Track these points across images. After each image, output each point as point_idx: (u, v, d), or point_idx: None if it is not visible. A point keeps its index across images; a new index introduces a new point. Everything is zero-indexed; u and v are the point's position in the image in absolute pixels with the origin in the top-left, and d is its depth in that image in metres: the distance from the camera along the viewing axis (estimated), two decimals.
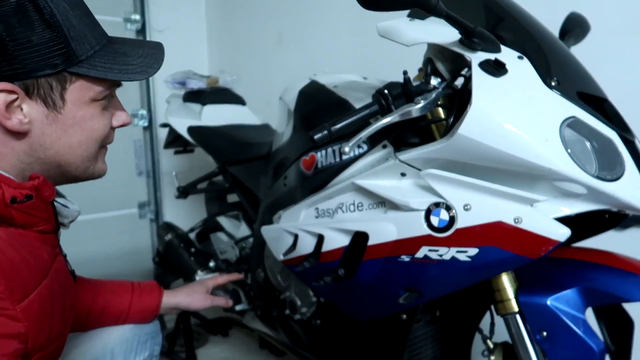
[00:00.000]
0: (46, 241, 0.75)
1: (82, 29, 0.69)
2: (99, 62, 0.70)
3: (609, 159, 0.74)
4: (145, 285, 1.11)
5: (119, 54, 0.73)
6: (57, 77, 0.68)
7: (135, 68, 0.73)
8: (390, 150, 0.92)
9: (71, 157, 0.74)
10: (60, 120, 0.70)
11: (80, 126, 0.73)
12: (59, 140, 0.72)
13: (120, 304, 1.05)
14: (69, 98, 0.70)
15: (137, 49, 0.76)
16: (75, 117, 0.71)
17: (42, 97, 0.68)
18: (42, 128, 0.70)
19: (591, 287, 0.82)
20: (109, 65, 0.71)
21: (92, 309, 1.02)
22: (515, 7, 0.89)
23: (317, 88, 1.16)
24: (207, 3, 2.78)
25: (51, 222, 0.75)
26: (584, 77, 0.83)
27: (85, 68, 0.69)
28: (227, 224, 1.76)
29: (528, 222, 0.74)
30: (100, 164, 0.80)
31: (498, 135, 0.72)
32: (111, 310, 1.04)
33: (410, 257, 0.85)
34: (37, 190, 0.70)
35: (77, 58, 0.68)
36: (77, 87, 0.70)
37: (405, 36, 0.83)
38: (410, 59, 0.98)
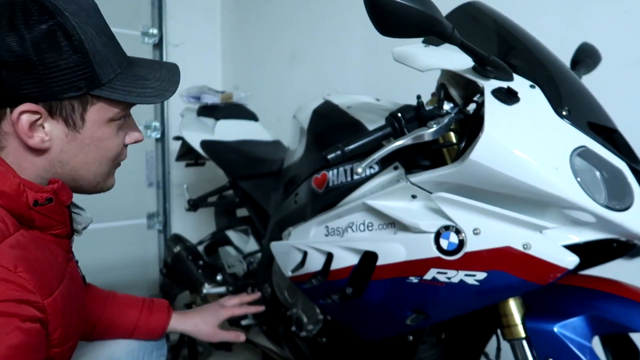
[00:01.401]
0: (61, 245, 0.78)
1: (106, 54, 0.73)
2: (119, 85, 0.74)
3: (618, 189, 0.75)
4: (156, 304, 1.12)
5: (138, 77, 0.77)
6: (80, 99, 0.72)
7: (153, 92, 0.77)
8: (402, 172, 0.93)
9: (86, 173, 0.78)
10: (78, 139, 0.74)
11: (96, 145, 0.76)
12: (75, 157, 0.75)
13: (127, 321, 1.07)
14: (89, 119, 0.73)
15: (155, 72, 0.80)
16: (93, 136, 0.75)
17: (63, 117, 0.72)
18: (61, 145, 0.73)
19: (598, 316, 0.82)
20: (128, 88, 0.74)
21: (100, 322, 1.04)
22: (528, 36, 0.91)
23: (330, 108, 1.18)
24: (222, 20, 2.83)
25: (66, 226, 0.78)
26: (595, 107, 0.84)
27: (107, 91, 0.73)
28: (235, 238, 1.77)
29: (537, 248, 0.75)
30: (110, 180, 0.83)
31: (509, 162, 0.73)
32: (118, 325, 1.06)
33: (419, 279, 0.85)
34: (56, 193, 0.73)
35: (100, 82, 0.72)
36: (97, 108, 0.74)
37: (420, 62, 0.85)
38: (421, 80, 1.00)
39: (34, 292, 0.65)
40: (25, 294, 0.64)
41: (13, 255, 0.65)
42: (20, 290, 0.64)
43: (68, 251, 0.82)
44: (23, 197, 0.70)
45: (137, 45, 2.47)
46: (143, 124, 2.55)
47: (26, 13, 0.66)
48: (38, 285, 0.66)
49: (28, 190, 0.70)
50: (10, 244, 0.66)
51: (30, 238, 0.70)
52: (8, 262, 0.64)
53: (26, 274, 0.65)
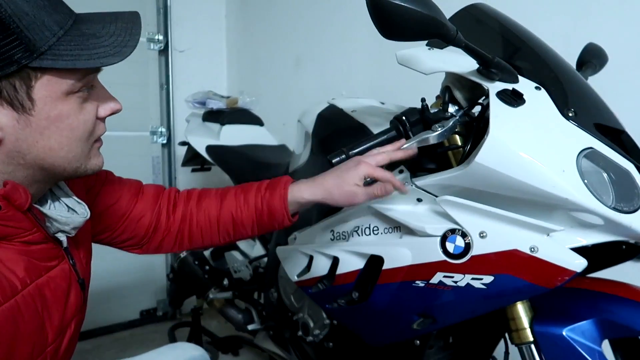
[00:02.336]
0: (32, 254, 0.69)
1: (37, 14, 0.60)
2: (64, 50, 0.61)
3: (626, 191, 0.74)
4: (276, 181, 0.97)
5: (87, 35, 0.64)
6: (20, 75, 0.60)
7: (108, 50, 0.63)
8: (407, 175, 0.93)
9: (54, 160, 0.67)
10: (33, 123, 0.63)
11: (56, 126, 0.65)
12: (36, 144, 0.65)
13: (246, 209, 0.96)
14: (38, 97, 0.62)
15: (108, 25, 0.66)
16: (49, 116, 0.64)
17: (7, 100, 0.61)
18: (15, 134, 0.63)
19: (608, 319, 0.81)
20: (76, 52, 0.62)
21: (220, 219, 0.97)
22: (533, 37, 0.91)
23: (335, 112, 1.18)
24: (227, 25, 2.85)
25: (38, 231, 0.69)
26: (601, 108, 0.83)
27: (49, 60, 0.60)
28: (241, 242, 1.78)
29: (544, 251, 0.75)
30: (93, 160, 0.72)
31: (515, 164, 0.73)
32: (239, 216, 0.96)
33: (425, 283, 0.85)
34: (7, 198, 0.63)
35: (38, 50, 0.60)
36: (44, 82, 0.62)
37: (424, 65, 0.85)
38: (425, 83, 1.00)
39: None
40: None
41: None
42: None
43: (50, 258, 0.73)
44: None
45: (143, 52, 2.49)
46: (149, 129, 2.56)
47: None
48: None
49: None
50: None
51: None
52: None
53: None
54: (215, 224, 0.99)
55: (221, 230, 0.99)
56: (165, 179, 2.65)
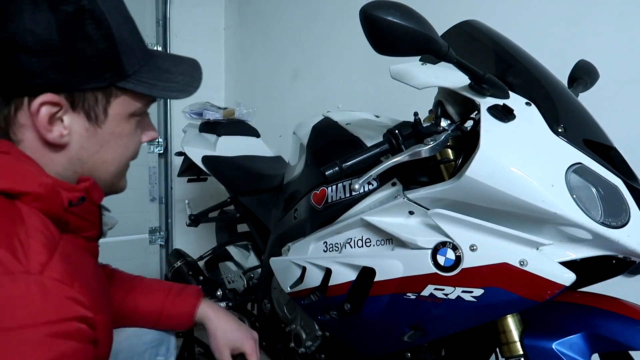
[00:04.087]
0: (91, 250, 0.74)
1: (131, 43, 0.67)
2: (144, 77, 0.68)
3: (614, 206, 0.75)
4: (186, 288, 1.02)
5: (162, 70, 0.71)
6: (104, 91, 0.66)
7: (178, 86, 0.71)
8: (399, 188, 0.94)
9: (103, 174, 0.72)
10: (99, 135, 0.69)
11: (115, 142, 0.71)
12: (95, 155, 0.70)
13: (150, 306, 0.98)
14: (112, 112, 0.68)
15: (178, 65, 0.74)
16: (113, 132, 0.70)
17: (85, 110, 0.66)
18: (80, 141, 0.68)
19: (598, 334, 0.81)
20: (153, 82, 0.69)
21: (122, 306, 0.97)
22: (524, 54, 0.92)
23: (329, 125, 1.19)
24: (226, 38, 2.87)
25: (97, 227, 0.74)
26: (591, 124, 0.85)
27: (132, 83, 0.67)
28: (236, 253, 1.78)
29: (533, 265, 0.75)
30: (123, 180, 0.78)
31: (505, 178, 0.74)
32: (141, 310, 0.98)
33: (416, 295, 0.85)
34: (88, 192, 0.69)
35: (126, 73, 0.67)
36: (120, 101, 0.68)
37: (416, 79, 0.87)
38: (420, 97, 1.01)
39: (90, 308, 0.60)
40: (83, 310, 0.59)
41: (67, 268, 0.60)
42: (79, 306, 0.59)
43: (97, 256, 0.77)
44: (58, 198, 0.64)
45: None
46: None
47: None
48: (92, 301, 0.62)
49: (62, 190, 0.65)
50: (60, 255, 0.60)
51: (69, 244, 0.65)
52: (65, 277, 0.58)
53: (82, 289, 0.60)
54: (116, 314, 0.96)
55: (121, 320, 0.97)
56: (161, 189, 2.65)
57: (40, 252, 0.58)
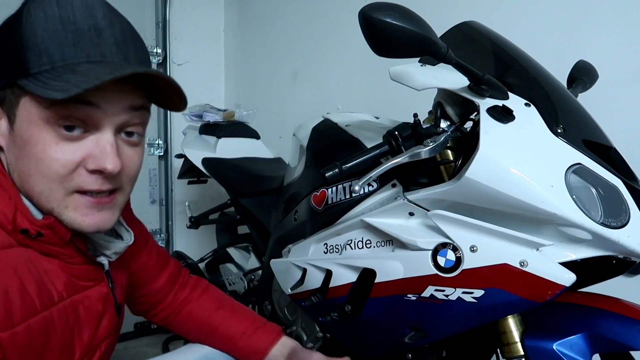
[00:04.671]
0: (72, 272, 0.72)
1: (46, 41, 0.61)
2: (48, 78, 0.60)
3: (614, 206, 0.75)
4: (269, 323, 1.04)
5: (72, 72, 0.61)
6: (12, 90, 0.63)
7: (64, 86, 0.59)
8: (399, 189, 0.94)
9: (28, 189, 0.65)
10: (14, 138, 0.64)
11: (27, 150, 0.63)
12: (17, 161, 0.65)
13: (235, 328, 0.99)
14: (19, 114, 0.63)
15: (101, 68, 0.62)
16: (22, 137, 0.63)
17: (6, 110, 0.65)
18: (8, 144, 0.66)
19: (598, 334, 0.81)
20: (50, 81, 0.60)
21: (209, 321, 1.00)
22: (523, 55, 0.93)
23: (329, 126, 1.19)
24: (225, 39, 2.88)
25: (78, 256, 0.72)
26: (590, 125, 0.85)
27: (28, 81, 0.61)
28: (236, 255, 1.78)
29: (533, 265, 0.75)
30: (72, 214, 0.66)
31: (504, 179, 0.74)
32: (225, 330, 1.00)
33: (417, 296, 0.85)
34: (51, 228, 0.66)
35: (27, 71, 0.61)
36: (25, 102, 0.63)
37: (416, 81, 0.87)
38: (420, 99, 1.01)
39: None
40: None
41: None
42: None
43: (86, 279, 0.75)
44: (10, 220, 0.64)
45: None
46: (146, 141, 2.57)
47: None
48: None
49: (19, 216, 0.64)
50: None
51: (20, 258, 0.64)
52: None
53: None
54: (201, 323, 1.01)
55: (201, 331, 1.01)
56: (161, 191, 2.65)
57: None
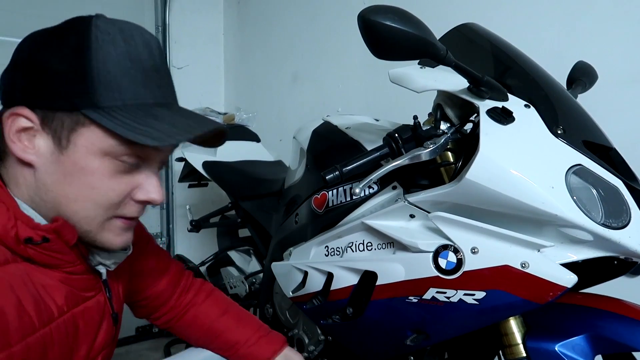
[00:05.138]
0: (73, 283, 0.71)
1: (119, 78, 0.65)
2: (120, 115, 0.64)
3: (615, 207, 0.75)
4: (273, 333, 1.05)
5: (150, 115, 0.66)
6: (71, 116, 0.64)
7: (154, 133, 0.64)
8: (400, 191, 0.94)
9: (67, 211, 0.67)
10: (61, 162, 0.65)
11: (78, 177, 0.66)
12: (58, 184, 0.66)
13: (238, 335, 1.00)
14: (75, 141, 0.65)
15: (179, 118, 0.68)
16: (76, 164, 0.65)
17: (53, 131, 0.65)
18: (46, 164, 0.66)
19: (600, 335, 0.81)
20: (129, 121, 0.64)
21: (212, 326, 1.01)
22: (523, 56, 0.93)
23: (329, 129, 1.19)
24: (225, 43, 2.88)
25: (80, 264, 0.72)
26: (590, 126, 0.85)
27: (99, 115, 0.63)
28: (237, 258, 1.78)
29: (535, 267, 0.75)
30: (108, 235, 0.70)
31: (505, 181, 0.74)
32: (228, 336, 1.00)
33: (418, 298, 0.85)
34: (57, 232, 0.66)
35: (96, 103, 0.64)
36: (88, 132, 0.65)
37: (415, 83, 0.87)
38: (420, 100, 1.01)
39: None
40: None
41: None
42: None
43: (87, 289, 0.74)
44: (12, 232, 0.63)
45: None
46: None
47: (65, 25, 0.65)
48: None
49: (20, 225, 0.64)
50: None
51: (17, 275, 0.63)
52: None
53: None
54: (204, 328, 1.02)
55: (204, 336, 1.02)
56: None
57: None
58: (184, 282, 1.06)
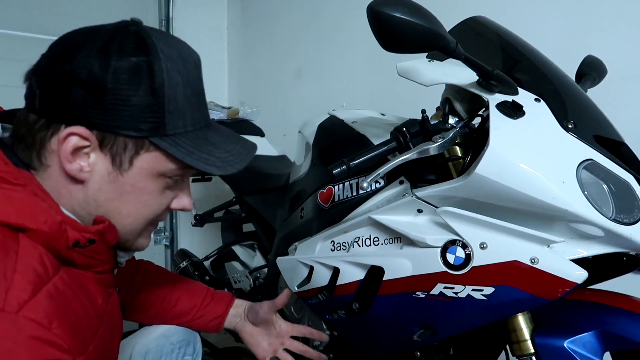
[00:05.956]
0: (102, 282, 0.74)
1: (184, 106, 0.68)
2: (184, 142, 0.68)
3: (626, 202, 0.74)
4: (219, 293, 1.10)
5: (208, 142, 0.70)
6: (136, 141, 0.66)
7: (216, 161, 0.70)
8: (407, 186, 0.93)
9: (116, 225, 0.71)
10: (119, 182, 0.68)
11: (135, 196, 0.70)
12: (111, 201, 0.69)
13: (192, 300, 1.05)
14: (137, 164, 0.68)
15: (229, 143, 0.73)
16: (135, 185, 0.69)
17: (112, 153, 0.66)
18: (100, 182, 0.68)
19: (609, 331, 0.81)
20: (192, 149, 0.68)
21: (167, 298, 1.05)
22: (532, 50, 0.92)
23: (335, 123, 1.19)
24: (229, 37, 2.87)
25: (110, 263, 0.74)
26: (601, 120, 0.84)
27: (167, 143, 0.67)
28: (242, 253, 1.77)
29: (544, 262, 0.74)
30: (141, 240, 0.77)
31: (515, 175, 0.73)
32: (183, 303, 1.05)
33: (426, 294, 0.85)
34: (101, 234, 0.68)
35: (165, 131, 0.66)
36: (150, 157, 0.68)
37: (424, 77, 0.86)
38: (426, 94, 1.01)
39: (68, 350, 0.60)
40: (58, 353, 0.59)
41: (49, 308, 0.59)
42: (54, 349, 0.58)
43: (109, 286, 0.77)
44: (63, 237, 0.64)
45: None
46: None
47: (123, 43, 0.64)
48: (73, 343, 0.61)
49: (70, 229, 0.65)
50: (48, 293, 0.60)
51: (68, 280, 0.65)
52: (43, 317, 0.58)
53: (60, 330, 0.59)
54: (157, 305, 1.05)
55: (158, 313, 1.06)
56: None
57: (24, 289, 0.58)
58: (133, 264, 1.09)
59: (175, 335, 1.04)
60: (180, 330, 1.06)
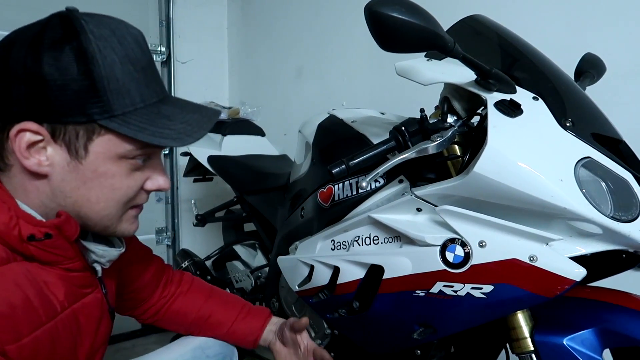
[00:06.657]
0: (71, 280, 0.73)
1: (127, 84, 0.66)
2: (134, 119, 0.67)
3: (624, 200, 0.74)
4: (255, 308, 1.09)
5: (162, 115, 0.69)
6: (86, 127, 0.66)
7: (172, 133, 0.68)
8: (407, 185, 0.93)
9: (89, 212, 0.71)
10: (80, 171, 0.68)
11: (99, 182, 0.69)
12: (77, 190, 0.69)
13: (227, 314, 1.05)
14: (93, 150, 0.67)
15: (185, 114, 0.72)
16: (96, 170, 0.68)
17: (66, 143, 0.66)
18: (62, 174, 0.68)
19: (609, 329, 0.81)
20: (145, 125, 0.67)
21: (201, 310, 1.05)
22: (530, 48, 0.92)
23: (335, 122, 1.19)
24: (229, 37, 2.87)
25: (79, 260, 0.73)
26: (599, 118, 0.84)
27: (117, 124, 0.66)
28: (243, 252, 1.78)
29: (543, 260, 0.75)
30: (125, 225, 0.76)
31: (513, 174, 0.73)
32: (217, 317, 1.05)
33: (425, 292, 0.85)
34: (59, 228, 0.68)
35: (112, 112, 0.65)
36: (104, 140, 0.67)
37: (422, 76, 0.86)
38: (425, 93, 1.01)
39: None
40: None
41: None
42: None
43: (85, 286, 0.76)
44: (14, 231, 0.64)
45: None
46: None
47: (51, 32, 0.63)
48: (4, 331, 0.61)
49: (23, 223, 0.65)
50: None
51: (20, 272, 0.65)
52: None
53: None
54: (193, 315, 1.05)
55: (193, 323, 1.06)
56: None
57: None
58: (166, 274, 1.09)
59: (212, 348, 1.04)
60: (218, 344, 1.05)
